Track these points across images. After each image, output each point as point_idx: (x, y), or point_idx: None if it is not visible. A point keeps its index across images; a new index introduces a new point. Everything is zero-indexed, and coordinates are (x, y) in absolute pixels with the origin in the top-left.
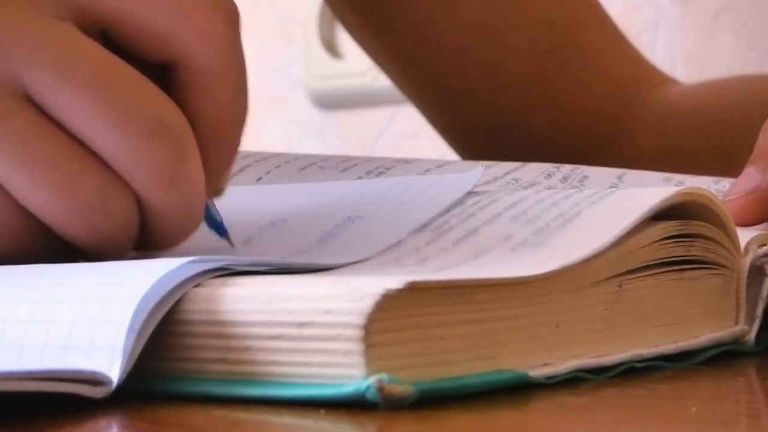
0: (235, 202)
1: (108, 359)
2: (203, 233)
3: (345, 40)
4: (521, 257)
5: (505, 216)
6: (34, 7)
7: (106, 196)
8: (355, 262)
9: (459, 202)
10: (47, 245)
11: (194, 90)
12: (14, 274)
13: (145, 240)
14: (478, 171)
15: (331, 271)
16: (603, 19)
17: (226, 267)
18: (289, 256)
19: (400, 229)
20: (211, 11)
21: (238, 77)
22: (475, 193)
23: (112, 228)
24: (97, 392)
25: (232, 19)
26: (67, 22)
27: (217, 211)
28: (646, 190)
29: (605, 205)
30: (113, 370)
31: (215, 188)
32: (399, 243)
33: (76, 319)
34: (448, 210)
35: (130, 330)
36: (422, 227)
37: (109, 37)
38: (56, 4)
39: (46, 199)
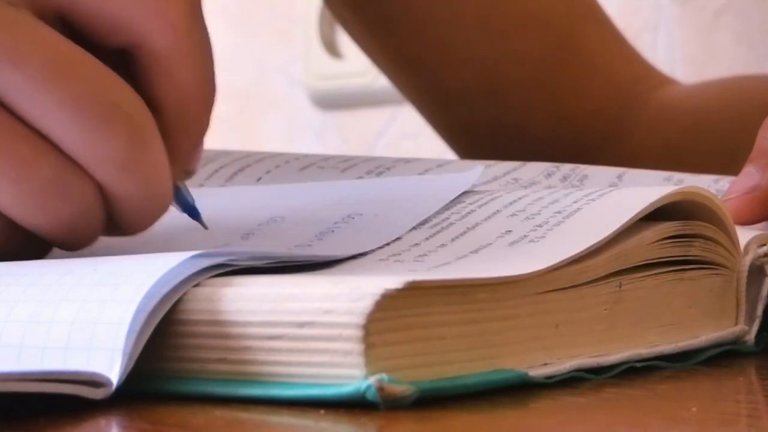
0: (234, 200)
1: (108, 360)
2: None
3: (345, 40)
4: (520, 253)
5: (504, 213)
6: None
7: (62, 182)
8: (354, 256)
9: (458, 200)
10: (13, 239)
11: (155, 74)
12: (13, 273)
13: (112, 225)
14: (478, 170)
15: (331, 269)
16: (602, 19)
17: (226, 264)
18: (288, 251)
19: (399, 226)
20: None
21: (201, 59)
22: (475, 191)
23: (72, 215)
24: (97, 394)
25: (192, 0)
26: (21, 8)
27: (189, 193)
28: (645, 189)
29: (604, 203)
30: (113, 372)
31: (184, 170)
32: (398, 238)
33: (75, 320)
34: (447, 207)
35: (129, 330)
36: (421, 224)
37: (68, 24)
38: None
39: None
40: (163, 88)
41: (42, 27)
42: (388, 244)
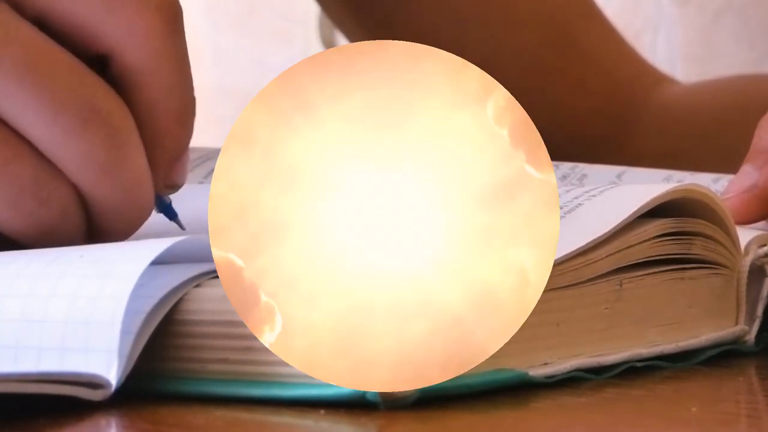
0: None
1: (105, 361)
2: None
3: (344, 40)
4: None
5: None
6: None
7: (39, 184)
8: None
9: None
10: None
11: (127, 84)
12: None
13: (95, 231)
14: None
15: None
16: (599, 16)
17: None
18: None
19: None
20: (141, 6)
21: (174, 74)
22: None
23: (49, 218)
24: (96, 395)
25: (167, 14)
26: (1, 4)
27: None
28: (647, 185)
29: (605, 199)
30: (111, 373)
31: (166, 182)
32: None
33: (68, 319)
34: None
35: (127, 332)
36: None
37: (50, 29)
38: None
39: None
40: (134, 99)
41: (22, 23)
42: None
